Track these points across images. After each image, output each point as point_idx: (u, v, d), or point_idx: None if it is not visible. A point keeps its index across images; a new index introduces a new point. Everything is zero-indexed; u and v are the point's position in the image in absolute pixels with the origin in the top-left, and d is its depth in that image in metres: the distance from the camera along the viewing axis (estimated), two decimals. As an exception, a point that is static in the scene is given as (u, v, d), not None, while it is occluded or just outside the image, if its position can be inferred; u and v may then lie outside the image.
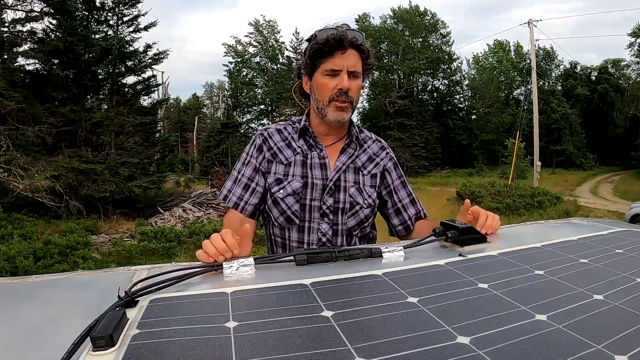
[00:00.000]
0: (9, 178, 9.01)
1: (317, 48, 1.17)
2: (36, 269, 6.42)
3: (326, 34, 1.16)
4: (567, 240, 0.92)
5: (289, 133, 1.30)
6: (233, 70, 36.44)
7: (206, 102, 43.84)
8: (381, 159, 1.33)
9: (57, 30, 11.36)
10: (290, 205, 1.21)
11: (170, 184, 17.35)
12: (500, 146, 25.71)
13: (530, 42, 18.62)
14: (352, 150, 1.29)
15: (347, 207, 1.23)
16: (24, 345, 0.49)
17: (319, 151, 1.26)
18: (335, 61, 1.16)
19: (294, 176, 1.22)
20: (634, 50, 31.53)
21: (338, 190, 1.23)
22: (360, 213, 1.25)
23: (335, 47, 1.15)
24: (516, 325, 0.50)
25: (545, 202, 12.63)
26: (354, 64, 1.18)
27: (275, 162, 1.25)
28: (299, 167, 1.24)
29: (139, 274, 0.73)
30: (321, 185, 1.22)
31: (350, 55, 1.17)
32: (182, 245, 8.29)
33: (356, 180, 1.26)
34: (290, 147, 1.27)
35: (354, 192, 1.24)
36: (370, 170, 1.30)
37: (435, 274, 0.70)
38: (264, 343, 0.46)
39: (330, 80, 1.18)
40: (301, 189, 1.21)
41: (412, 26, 32.57)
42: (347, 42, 1.15)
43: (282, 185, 1.22)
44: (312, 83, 1.24)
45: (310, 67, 1.22)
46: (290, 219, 1.21)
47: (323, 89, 1.19)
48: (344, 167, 1.26)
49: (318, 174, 1.23)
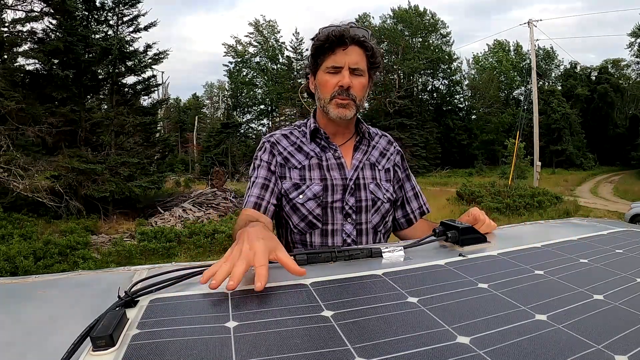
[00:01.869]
0: (9, 178, 9.01)
1: (319, 45, 1.15)
2: (36, 269, 6.42)
3: (328, 30, 1.14)
4: (567, 240, 0.92)
5: (297, 137, 1.26)
6: (233, 70, 36.49)
7: (206, 102, 43.87)
8: (391, 153, 1.33)
9: (57, 30, 11.37)
10: (312, 210, 1.17)
11: (170, 184, 17.36)
12: (500, 146, 25.71)
13: (530, 42, 18.63)
14: (365, 147, 1.28)
15: (370, 204, 1.22)
16: (24, 345, 0.49)
17: (333, 151, 1.23)
18: (336, 58, 1.14)
19: (312, 180, 1.19)
20: (633, 50, 31.56)
21: (358, 188, 1.21)
22: (382, 208, 1.24)
23: (336, 43, 1.12)
24: (516, 325, 0.50)
25: (545, 202, 12.63)
26: (356, 61, 1.14)
27: (287, 166, 1.21)
28: (316, 170, 1.21)
29: (139, 274, 0.73)
30: (341, 185, 1.20)
31: (352, 51, 1.14)
32: (182, 245, 8.29)
33: (373, 176, 1.25)
34: (301, 151, 1.24)
35: (374, 188, 1.23)
36: (384, 165, 1.30)
37: (435, 274, 0.70)
38: (264, 343, 0.46)
39: (332, 77, 1.15)
40: (321, 191, 1.18)
41: (412, 26, 32.61)
42: (348, 38, 1.12)
43: (301, 189, 1.18)
44: (316, 81, 1.22)
45: (313, 65, 1.20)
46: (312, 223, 1.18)
47: (325, 86, 1.17)
48: (361, 165, 1.24)
49: (337, 175, 1.21)
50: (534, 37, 18.32)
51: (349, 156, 1.25)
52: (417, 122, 29.76)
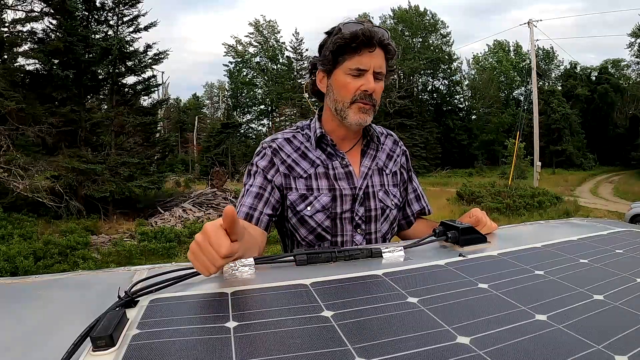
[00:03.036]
0: (9, 178, 9.02)
1: (343, 43, 1.05)
2: (36, 269, 6.43)
3: (354, 27, 1.04)
4: (567, 240, 0.92)
5: (301, 142, 1.17)
6: (233, 70, 36.49)
7: (206, 102, 43.89)
8: (397, 155, 1.28)
9: (57, 31, 11.38)
10: (321, 222, 1.11)
11: (170, 184, 17.36)
12: (500, 146, 25.74)
13: (530, 42, 18.64)
14: (373, 151, 1.22)
15: (379, 213, 1.17)
16: (24, 345, 0.49)
17: (340, 159, 1.16)
18: (362, 60, 1.05)
19: (320, 190, 1.12)
20: (633, 51, 31.55)
21: (367, 197, 1.16)
22: (390, 215, 1.21)
23: (364, 44, 1.04)
24: (516, 325, 0.50)
25: (545, 202, 12.64)
26: (381, 65, 1.08)
27: (292, 176, 1.13)
28: (323, 179, 1.13)
29: (139, 274, 0.73)
30: (351, 195, 1.14)
31: (377, 55, 1.07)
32: (182, 245, 8.31)
33: (382, 182, 1.21)
34: (306, 158, 1.15)
35: (383, 196, 1.19)
36: (391, 169, 1.25)
37: (435, 274, 0.70)
38: (263, 343, 0.46)
39: (354, 80, 1.07)
40: (330, 202, 1.12)
41: (412, 26, 32.60)
42: (376, 40, 1.04)
43: (309, 201, 1.11)
44: (331, 81, 1.12)
45: (332, 63, 1.09)
46: (321, 235, 1.12)
47: (346, 88, 1.08)
48: (370, 172, 1.19)
49: (345, 185, 1.14)
50: (534, 37, 18.33)
51: (357, 162, 1.19)
52: (417, 122, 29.76)
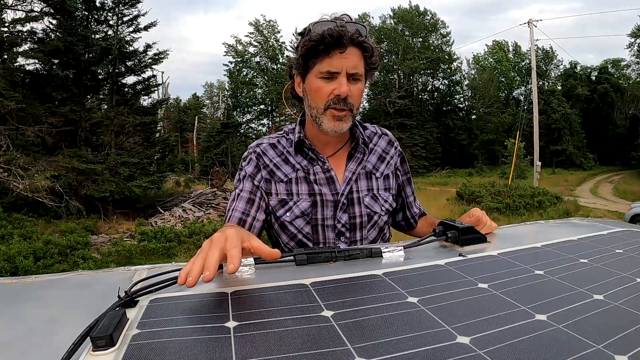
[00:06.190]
0: (9, 178, 9.02)
1: (311, 46, 0.98)
2: (36, 269, 6.43)
3: (322, 28, 0.97)
4: (567, 240, 0.92)
5: (284, 147, 1.13)
6: (233, 70, 36.47)
7: (206, 102, 43.89)
8: (391, 156, 1.20)
9: (57, 30, 11.38)
10: (301, 228, 1.07)
11: (170, 184, 17.37)
12: (500, 146, 25.71)
13: (530, 42, 18.63)
14: (360, 154, 1.14)
15: (365, 220, 1.10)
16: (24, 345, 0.49)
17: (321, 164, 1.10)
18: (332, 62, 0.98)
19: (299, 195, 1.07)
20: (633, 51, 31.56)
21: (352, 204, 1.09)
22: (380, 222, 1.14)
23: (333, 45, 0.96)
24: (516, 325, 0.50)
25: (545, 202, 12.64)
26: (355, 65, 0.99)
27: (274, 181, 1.09)
28: (303, 184, 1.08)
29: (139, 274, 0.73)
30: (332, 201, 1.08)
31: (350, 54, 0.98)
32: (182, 245, 8.30)
33: (369, 187, 1.13)
34: (288, 162, 1.11)
35: (370, 202, 1.12)
36: (383, 172, 1.17)
37: (435, 274, 0.69)
38: (263, 343, 0.46)
39: (326, 84, 1.00)
40: (310, 208, 1.07)
41: (412, 26, 32.61)
42: (347, 39, 0.96)
43: (288, 206, 1.07)
44: (305, 86, 1.05)
45: (303, 67, 1.03)
46: (302, 242, 1.08)
47: (317, 93, 1.01)
48: (354, 177, 1.11)
49: (326, 190, 1.08)
50: (533, 37, 18.32)
51: (342, 167, 1.12)
52: (417, 122, 29.78)
